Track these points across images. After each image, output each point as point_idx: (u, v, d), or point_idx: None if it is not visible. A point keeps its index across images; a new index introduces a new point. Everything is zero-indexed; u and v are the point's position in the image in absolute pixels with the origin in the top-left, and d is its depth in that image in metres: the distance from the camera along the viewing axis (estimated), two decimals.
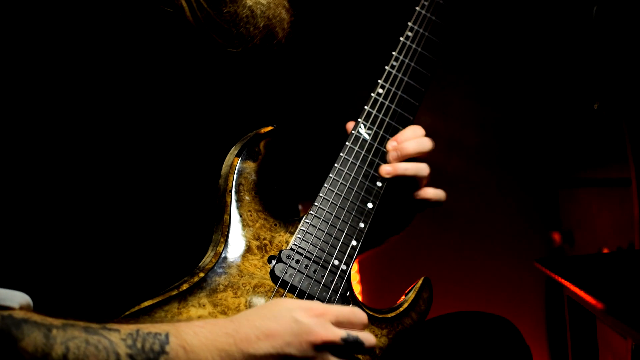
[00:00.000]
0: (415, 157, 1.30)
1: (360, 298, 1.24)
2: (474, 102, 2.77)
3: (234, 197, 1.18)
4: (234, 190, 1.18)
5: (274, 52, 1.27)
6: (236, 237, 1.17)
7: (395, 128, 1.32)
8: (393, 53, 1.34)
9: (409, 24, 1.36)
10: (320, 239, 1.21)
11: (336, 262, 1.21)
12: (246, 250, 1.16)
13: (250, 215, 1.19)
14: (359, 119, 1.30)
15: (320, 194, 1.24)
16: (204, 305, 1.08)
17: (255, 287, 1.13)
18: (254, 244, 1.17)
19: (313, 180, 1.29)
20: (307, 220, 1.22)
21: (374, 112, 1.31)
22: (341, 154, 1.27)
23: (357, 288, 2.57)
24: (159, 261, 1.14)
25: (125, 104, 1.11)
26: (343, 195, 1.25)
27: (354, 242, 1.23)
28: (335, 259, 1.21)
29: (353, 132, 1.29)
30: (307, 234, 1.21)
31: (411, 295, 1.26)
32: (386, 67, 1.33)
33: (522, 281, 2.66)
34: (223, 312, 1.08)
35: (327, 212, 1.23)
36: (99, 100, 1.09)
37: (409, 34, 1.36)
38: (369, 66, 1.43)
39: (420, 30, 1.36)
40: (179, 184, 1.16)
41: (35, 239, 1.05)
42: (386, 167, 1.28)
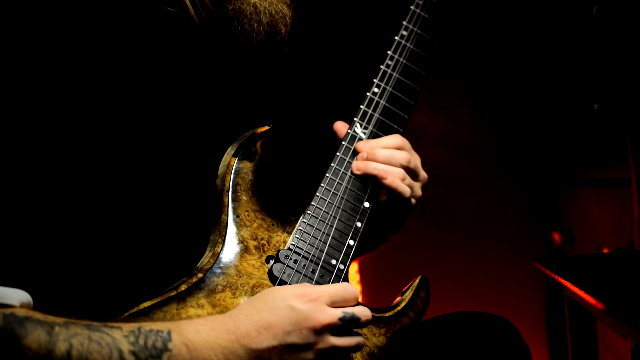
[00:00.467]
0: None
1: (360, 298, 1.24)
2: (473, 102, 2.77)
3: (231, 197, 1.18)
4: (231, 190, 1.18)
5: (277, 48, 1.27)
6: (234, 237, 1.17)
7: (391, 127, 1.32)
8: (388, 52, 1.34)
9: (403, 23, 1.37)
10: (317, 239, 1.21)
11: (333, 262, 1.21)
12: (244, 250, 1.16)
13: (248, 216, 1.19)
14: (355, 118, 1.31)
15: (317, 194, 1.24)
16: (202, 306, 1.08)
17: (253, 287, 1.13)
18: (251, 244, 1.17)
19: (310, 180, 1.29)
20: (304, 220, 1.22)
21: (370, 111, 1.31)
22: (337, 153, 1.28)
23: (357, 288, 2.57)
24: (156, 262, 1.14)
25: (124, 104, 1.11)
26: (339, 194, 1.25)
27: (351, 241, 1.23)
28: (332, 258, 1.21)
29: (349, 131, 1.30)
30: (304, 234, 1.21)
31: (408, 295, 1.25)
32: (381, 67, 1.34)
33: (522, 281, 2.65)
34: (222, 313, 1.08)
35: (324, 211, 1.23)
36: (99, 101, 1.09)
37: (404, 33, 1.36)
38: (366, 66, 1.43)
39: (415, 29, 1.37)
40: (176, 184, 1.16)
41: (33, 239, 1.05)
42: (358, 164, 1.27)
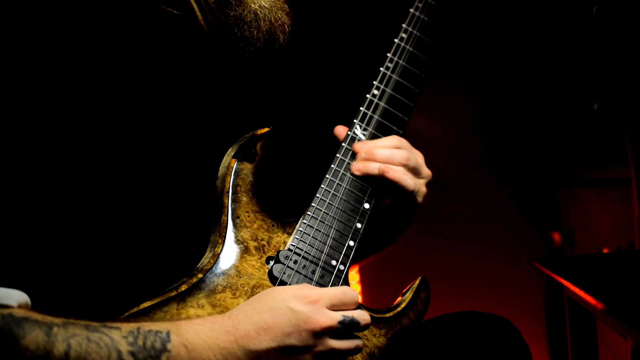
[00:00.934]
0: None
1: (360, 298, 1.24)
2: (474, 102, 2.77)
3: (231, 198, 1.18)
4: (231, 191, 1.19)
5: (275, 55, 1.27)
6: (234, 238, 1.17)
7: (390, 129, 1.32)
8: (388, 55, 1.35)
9: (403, 25, 1.37)
10: (317, 239, 1.21)
11: (333, 262, 1.21)
12: (244, 251, 1.17)
13: (248, 216, 1.19)
14: (355, 120, 1.31)
15: (317, 195, 1.24)
16: (202, 306, 1.09)
17: (253, 287, 1.13)
18: (251, 244, 1.18)
19: (310, 181, 1.29)
20: (304, 221, 1.22)
21: (369, 113, 1.32)
22: (337, 155, 1.28)
23: (357, 288, 2.57)
24: (157, 262, 1.14)
25: (125, 105, 1.11)
26: (339, 195, 1.25)
27: (351, 242, 1.23)
28: (332, 259, 1.21)
29: (349, 133, 1.30)
30: (304, 235, 1.21)
31: (408, 295, 1.26)
32: (381, 69, 1.34)
33: (522, 281, 2.66)
34: (222, 313, 1.08)
35: (324, 212, 1.23)
36: (99, 102, 1.09)
37: (403, 35, 1.36)
38: (366, 69, 1.44)
39: (415, 32, 1.37)
40: (176, 185, 1.16)
41: (32, 240, 1.05)
42: (357, 165, 1.27)
